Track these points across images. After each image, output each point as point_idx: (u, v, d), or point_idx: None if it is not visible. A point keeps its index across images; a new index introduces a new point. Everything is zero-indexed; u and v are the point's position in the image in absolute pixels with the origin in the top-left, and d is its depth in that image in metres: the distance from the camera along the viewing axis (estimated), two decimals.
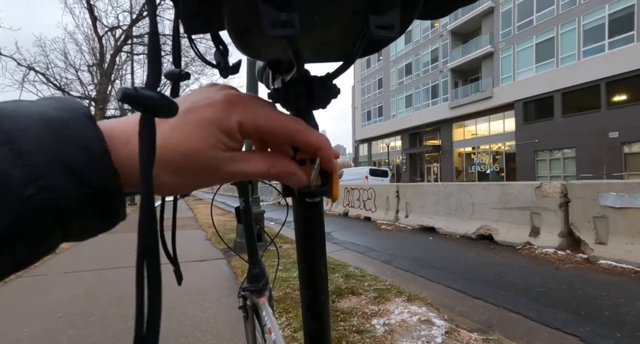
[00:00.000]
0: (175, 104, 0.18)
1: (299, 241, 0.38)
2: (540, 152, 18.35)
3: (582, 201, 3.73)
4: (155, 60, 0.18)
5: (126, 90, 0.16)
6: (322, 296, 0.39)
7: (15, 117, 0.17)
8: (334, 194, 0.30)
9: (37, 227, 0.16)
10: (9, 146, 0.16)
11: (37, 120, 0.17)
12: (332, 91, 0.32)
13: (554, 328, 2.13)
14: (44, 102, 0.19)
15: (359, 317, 2.17)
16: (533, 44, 18.65)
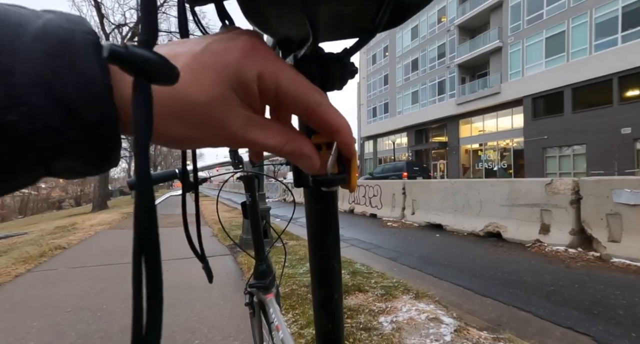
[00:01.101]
0: (175, 68, 0.15)
1: (311, 237, 0.35)
2: (549, 149, 18.05)
3: (595, 198, 3.64)
4: (149, 12, 0.14)
5: (113, 47, 0.13)
6: (335, 295, 0.37)
7: (10, 25, 0.14)
8: (352, 184, 0.27)
9: (12, 158, 0.14)
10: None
11: (34, 35, 0.15)
12: (349, 69, 0.29)
13: (566, 327, 2.08)
14: (47, 15, 0.16)
15: (366, 314, 2.15)
16: (543, 38, 18.26)
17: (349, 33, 0.29)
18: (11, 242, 5.74)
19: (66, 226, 7.52)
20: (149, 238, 0.13)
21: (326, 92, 0.31)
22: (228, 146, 0.21)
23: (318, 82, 0.29)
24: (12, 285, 3.03)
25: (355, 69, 0.30)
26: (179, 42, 0.19)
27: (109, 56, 0.13)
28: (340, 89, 0.31)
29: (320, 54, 0.28)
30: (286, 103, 0.21)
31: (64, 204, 26.68)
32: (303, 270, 3.13)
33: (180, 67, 0.16)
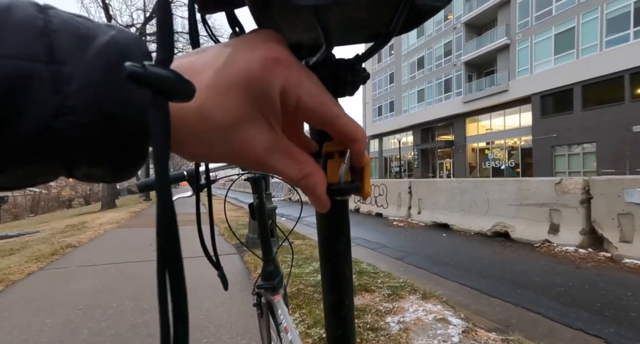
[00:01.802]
0: (192, 85, 0.15)
1: (322, 242, 0.35)
2: (558, 147, 17.77)
3: (606, 198, 3.58)
4: (166, 31, 0.14)
5: (132, 67, 0.13)
6: (346, 301, 0.36)
7: (78, 34, 0.15)
8: (365, 191, 0.27)
9: (47, 159, 0.15)
10: (56, 68, 0.14)
11: (97, 50, 0.15)
12: (360, 75, 0.29)
13: (577, 328, 2.05)
14: (111, 31, 0.16)
15: (372, 314, 2.14)
16: (552, 34, 17.96)
17: (363, 38, 0.29)
18: (24, 240, 5.87)
19: (76, 224, 7.65)
20: (172, 251, 0.14)
21: (337, 98, 0.31)
22: (249, 167, 0.21)
23: (330, 88, 0.29)
24: (25, 283, 3.09)
25: (367, 74, 0.30)
26: (198, 54, 0.19)
27: (128, 76, 0.13)
28: (351, 95, 0.31)
29: (333, 60, 0.28)
30: (304, 115, 0.21)
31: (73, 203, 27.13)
32: (309, 270, 3.13)
33: (204, 87, 0.16)
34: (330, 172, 0.26)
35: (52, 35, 0.14)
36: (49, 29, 0.14)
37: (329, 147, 0.26)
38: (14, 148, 0.14)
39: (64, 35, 0.14)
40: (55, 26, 0.14)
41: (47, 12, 0.15)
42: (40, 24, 0.14)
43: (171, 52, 0.14)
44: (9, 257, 4.27)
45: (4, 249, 4.96)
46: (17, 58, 0.13)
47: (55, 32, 0.14)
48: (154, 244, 0.14)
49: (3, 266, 3.68)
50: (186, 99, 0.15)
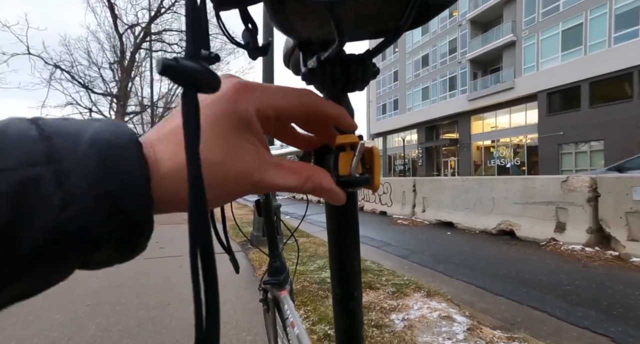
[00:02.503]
0: (218, 77, 0.16)
1: (331, 236, 0.35)
2: (565, 145, 17.57)
3: (614, 196, 3.54)
4: (195, 26, 0.15)
5: (166, 61, 0.14)
6: (355, 293, 0.37)
7: (67, 135, 0.16)
8: (375, 184, 0.28)
9: (62, 252, 0.15)
10: (55, 166, 0.15)
11: (87, 142, 0.16)
12: (371, 70, 0.30)
13: (583, 327, 2.04)
14: (95, 123, 0.18)
15: (377, 311, 2.15)
16: (559, 31, 17.71)
17: (374, 33, 0.29)
18: None
19: None
20: (202, 233, 0.14)
21: (347, 93, 0.31)
22: (251, 193, 0.21)
23: (341, 83, 0.29)
24: None
25: (377, 69, 0.30)
26: (172, 117, 0.20)
27: (162, 70, 0.14)
28: (361, 90, 0.31)
29: (343, 56, 0.29)
30: (286, 118, 0.22)
31: None
32: (314, 267, 3.15)
33: None
34: (342, 165, 0.27)
35: (46, 140, 0.16)
36: (42, 136, 0.16)
37: (340, 139, 0.27)
38: (34, 246, 0.14)
39: (57, 138, 0.16)
40: (48, 132, 0.16)
41: (38, 123, 0.16)
42: (34, 133, 0.16)
43: (200, 46, 0.15)
44: None
45: None
46: (21, 167, 0.14)
47: (48, 137, 0.16)
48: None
49: None
50: (213, 90, 0.16)
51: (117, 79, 13.73)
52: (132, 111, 15.11)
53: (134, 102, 16.88)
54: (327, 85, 0.29)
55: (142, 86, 20.34)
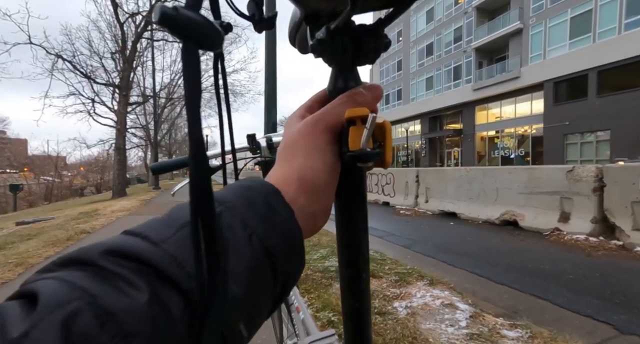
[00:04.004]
0: (220, 33, 0.15)
1: (339, 216, 0.35)
2: (570, 136, 17.36)
3: (620, 186, 3.50)
4: None
5: (165, 9, 0.13)
6: (363, 275, 0.36)
7: (260, 209, 0.21)
8: (387, 160, 0.27)
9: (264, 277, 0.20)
10: (246, 228, 0.19)
11: (258, 214, 0.21)
12: (382, 41, 0.28)
13: (585, 315, 2.05)
14: (252, 192, 0.22)
15: (380, 299, 2.17)
16: (567, 18, 17.25)
17: (384, 2, 0.28)
18: (40, 226, 6.05)
19: (89, 212, 7.84)
20: (204, 202, 0.14)
21: (358, 66, 0.30)
22: None
23: (350, 55, 0.28)
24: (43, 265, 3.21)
25: (388, 40, 0.29)
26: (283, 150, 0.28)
27: (160, 19, 0.13)
28: (372, 63, 0.30)
29: (354, 26, 0.27)
30: None
31: (85, 191, 27.72)
32: (317, 256, 3.17)
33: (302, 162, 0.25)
34: (352, 139, 0.26)
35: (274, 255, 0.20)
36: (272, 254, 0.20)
37: (350, 113, 0.26)
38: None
39: (273, 241, 0.21)
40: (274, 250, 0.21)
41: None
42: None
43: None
44: (26, 242, 4.42)
45: (22, 234, 5.13)
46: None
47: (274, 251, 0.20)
48: None
49: (22, 250, 3.82)
50: (216, 48, 0.15)
51: (119, 69, 13.65)
52: (135, 101, 15.07)
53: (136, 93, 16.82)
54: (336, 57, 0.28)
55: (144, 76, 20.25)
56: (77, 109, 14.23)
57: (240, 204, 0.20)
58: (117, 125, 13.08)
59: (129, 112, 15.11)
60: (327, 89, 0.31)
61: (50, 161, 30.25)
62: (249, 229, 0.19)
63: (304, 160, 0.25)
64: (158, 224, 0.18)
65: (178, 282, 0.15)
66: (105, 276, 0.14)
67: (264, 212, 0.21)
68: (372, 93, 0.29)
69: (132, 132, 21.48)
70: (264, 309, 0.21)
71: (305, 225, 0.24)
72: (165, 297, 0.15)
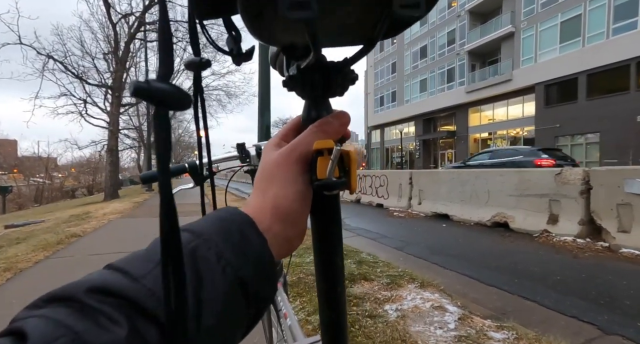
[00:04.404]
0: (188, 95, 0.17)
1: (315, 234, 0.37)
2: (561, 138, 17.65)
3: (606, 188, 3.59)
4: (166, 50, 0.17)
5: (138, 84, 0.15)
6: (338, 288, 0.39)
7: (235, 239, 0.23)
8: (352, 187, 0.29)
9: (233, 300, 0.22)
10: (220, 260, 0.22)
11: (233, 243, 0.23)
12: (349, 77, 0.31)
13: (571, 316, 2.10)
14: (227, 223, 0.24)
15: (371, 302, 2.20)
16: (558, 22, 17.58)
17: (351, 41, 0.30)
18: (29, 230, 5.96)
19: (80, 214, 7.74)
20: (173, 242, 0.16)
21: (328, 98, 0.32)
22: None
23: (320, 90, 0.30)
24: (33, 270, 3.17)
25: (355, 76, 0.31)
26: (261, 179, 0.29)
27: (134, 91, 0.15)
28: (341, 95, 0.32)
29: (323, 63, 0.30)
30: None
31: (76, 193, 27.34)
32: (310, 259, 3.19)
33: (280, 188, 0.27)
34: (320, 169, 0.28)
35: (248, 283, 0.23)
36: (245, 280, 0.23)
37: (317, 145, 0.28)
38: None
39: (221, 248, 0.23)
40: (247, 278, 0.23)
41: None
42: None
43: (171, 68, 0.17)
44: (16, 246, 4.36)
45: (11, 238, 5.05)
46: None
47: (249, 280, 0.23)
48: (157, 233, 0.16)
49: (11, 254, 3.77)
50: (183, 108, 0.17)
51: (112, 70, 13.52)
52: (128, 102, 14.93)
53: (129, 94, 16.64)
54: (307, 91, 0.30)
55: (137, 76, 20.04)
56: (69, 110, 14.05)
57: (216, 236, 0.22)
58: (110, 126, 12.95)
59: (121, 113, 14.96)
60: (301, 117, 0.33)
61: (40, 162, 29.78)
62: (223, 261, 0.21)
63: (279, 190, 0.28)
64: (139, 259, 0.20)
65: (156, 315, 0.17)
66: (88, 313, 0.16)
67: (237, 242, 0.23)
68: (340, 121, 0.31)
69: (125, 133, 21.26)
70: (238, 334, 0.23)
71: (280, 249, 0.27)
72: (143, 330, 0.16)
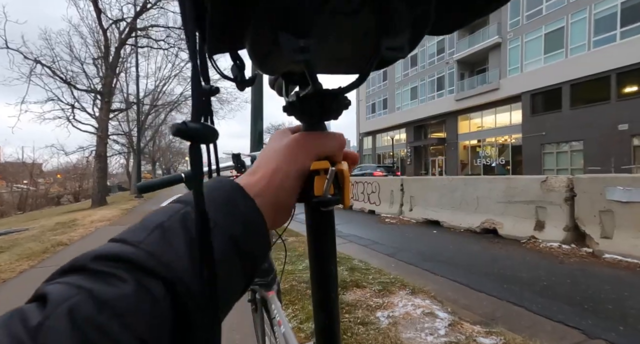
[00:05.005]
0: (215, 131, 0.22)
1: (310, 243, 0.40)
2: (547, 145, 18.12)
3: (589, 195, 3.71)
4: (198, 97, 0.21)
5: (178, 125, 0.19)
6: (332, 294, 0.41)
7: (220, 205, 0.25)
8: (345, 203, 0.32)
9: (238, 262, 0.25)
10: (212, 225, 0.23)
11: (227, 210, 0.25)
12: (343, 103, 0.34)
13: (557, 321, 2.16)
14: (216, 191, 0.26)
15: (363, 309, 2.21)
16: (542, 34, 18.22)
17: (345, 71, 0.34)
18: (13, 238, 5.79)
19: (66, 222, 7.56)
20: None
21: (325, 121, 0.36)
22: None
23: (317, 114, 0.34)
24: (17, 281, 3.08)
25: (348, 102, 0.34)
26: (259, 168, 0.31)
27: (175, 132, 0.19)
28: (336, 119, 0.35)
29: (320, 91, 0.33)
30: None
31: (62, 199, 26.64)
32: (302, 267, 3.19)
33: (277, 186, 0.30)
34: (317, 187, 0.31)
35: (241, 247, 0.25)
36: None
37: (314, 165, 0.31)
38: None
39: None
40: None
41: None
42: None
43: (202, 110, 0.22)
44: None
45: None
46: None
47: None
48: None
49: None
50: (212, 142, 0.22)
51: (102, 75, 13.38)
52: (117, 108, 14.76)
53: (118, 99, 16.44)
54: (305, 116, 0.34)
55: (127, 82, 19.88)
56: (56, 115, 13.83)
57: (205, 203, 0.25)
58: (99, 132, 12.76)
59: (111, 118, 14.77)
60: None
61: (25, 168, 28.97)
62: (211, 222, 0.23)
63: (283, 165, 0.31)
64: (135, 229, 0.23)
65: (157, 272, 0.20)
66: (97, 276, 0.19)
67: (224, 205, 0.25)
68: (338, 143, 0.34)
69: (114, 139, 20.95)
70: (236, 288, 0.25)
71: (268, 217, 0.28)
72: (148, 284, 0.19)
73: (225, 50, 0.30)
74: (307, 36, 0.24)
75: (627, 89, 14.92)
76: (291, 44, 0.24)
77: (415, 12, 0.26)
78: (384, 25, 0.26)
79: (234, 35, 0.28)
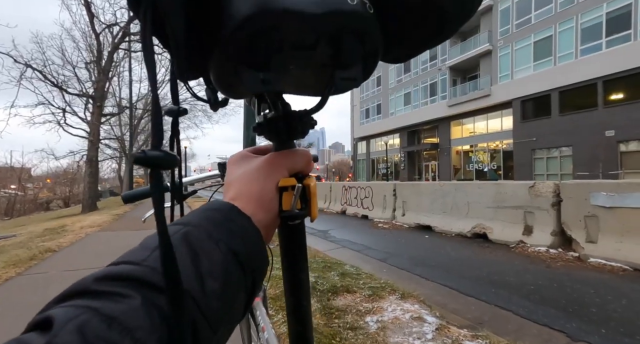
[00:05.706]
0: (175, 157, 0.22)
1: (283, 255, 0.42)
2: (537, 151, 18.45)
3: (574, 201, 3.80)
4: (156, 125, 0.21)
5: (136, 155, 0.20)
6: (304, 302, 0.44)
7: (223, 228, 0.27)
8: (312, 215, 0.35)
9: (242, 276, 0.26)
10: (211, 237, 0.25)
11: (225, 229, 0.27)
12: (309, 123, 0.37)
13: (543, 324, 2.20)
14: (214, 212, 0.28)
15: (353, 314, 2.23)
16: (531, 42, 18.67)
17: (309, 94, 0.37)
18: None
19: (55, 228, 7.44)
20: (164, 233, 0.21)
21: (292, 140, 0.39)
22: None
23: (285, 133, 0.37)
24: (3, 289, 3.02)
25: (314, 122, 0.37)
26: (237, 183, 0.33)
27: (135, 160, 0.20)
28: (302, 138, 0.38)
29: (287, 113, 0.36)
30: None
31: (51, 205, 26.15)
32: None
33: (257, 200, 0.31)
34: (285, 202, 0.34)
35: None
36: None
37: (282, 182, 0.34)
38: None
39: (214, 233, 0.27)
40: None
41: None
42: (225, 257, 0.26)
43: (161, 138, 0.22)
44: None
45: None
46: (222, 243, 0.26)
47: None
48: None
49: None
50: (172, 167, 0.23)
51: (94, 79, 13.28)
52: (109, 112, 14.63)
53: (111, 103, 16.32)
54: (273, 136, 0.37)
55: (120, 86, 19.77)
56: (46, 119, 13.63)
57: (205, 223, 0.26)
58: (90, 136, 12.63)
59: (102, 123, 14.64)
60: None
61: (13, 172, 28.43)
62: (214, 238, 0.25)
63: (264, 184, 0.32)
64: (135, 250, 0.24)
65: (162, 287, 0.20)
66: (102, 295, 0.18)
67: (223, 223, 0.26)
68: (304, 159, 0.37)
69: (106, 143, 20.73)
70: (240, 301, 0.26)
71: (263, 232, 0.30)
72: (154, 298, 0.19)
73: (195, 77, 0.33)
74: (266, 70, 0.27)
75: (613, 96, 15.33)
76: (252, 77, 0.27)
77: (365, 48, 0.29)
78: (337, 59, 0.29)
79: (199, 65, 0.30)
